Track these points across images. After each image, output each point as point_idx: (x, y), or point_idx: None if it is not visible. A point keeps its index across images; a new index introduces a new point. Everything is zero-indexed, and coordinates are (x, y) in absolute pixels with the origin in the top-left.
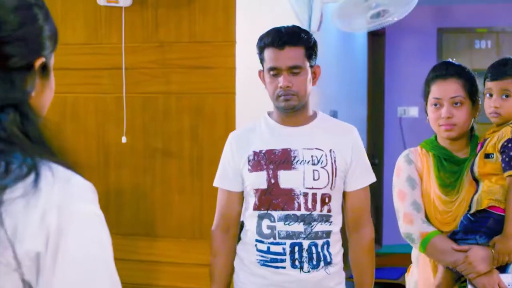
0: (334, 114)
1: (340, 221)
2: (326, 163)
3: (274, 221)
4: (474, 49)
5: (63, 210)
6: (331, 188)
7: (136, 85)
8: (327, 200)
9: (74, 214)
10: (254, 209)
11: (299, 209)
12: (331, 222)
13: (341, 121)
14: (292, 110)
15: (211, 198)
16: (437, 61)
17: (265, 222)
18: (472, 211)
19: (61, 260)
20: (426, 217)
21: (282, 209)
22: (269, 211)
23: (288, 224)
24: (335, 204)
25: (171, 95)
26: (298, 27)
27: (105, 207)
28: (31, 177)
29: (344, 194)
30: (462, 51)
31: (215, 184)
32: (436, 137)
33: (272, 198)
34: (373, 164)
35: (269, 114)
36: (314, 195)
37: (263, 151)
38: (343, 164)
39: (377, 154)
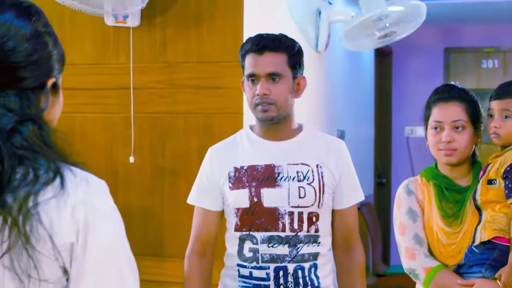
0: (342, 134)
1: (329, 241)
2: (313, 179)
3: (256, 243)
4: (481, 68)
5: (88, 205)
6: (318, 206)
7: (144, 105)
8: (314, 219)
9: (96, 208)
10: (235, 230)
11: (283, 229)
12: (319, 243)
13: (328, 135)
14: (272, 122)
15: None
16: (444, 81)
17: (247, 245)
18: (476, 242)
19: (90, 247)
20: (430, 250)
21: (265, 230)
22: (251, 232)
23: (272, 246)
24: (324, 223)
25: (179, 115)
26: (284, 35)
27: None
28: (57, 180)
29: (332, 212)
30: (469, 70)
31: (190, 201)
32: (436, 164)
33: (255, 218)
34: (380, 184)
35: (251, 127)
36: (300, 214)
37: (245, 167)
38: (331, 180)
39: (384, 174)
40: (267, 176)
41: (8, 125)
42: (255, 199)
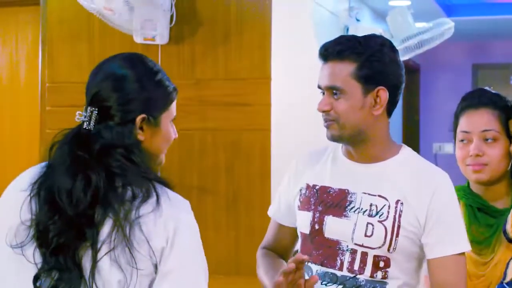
0: None
1: None
2: (387, 217)
3: None
4: (510, 85)
5: (176, 219)
6: (389, 249)
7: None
8: (382, 265)
9: (182, 221)
10: None
11: (340, 268)
12: None
13: (431, 166)
14: (338, 141)
15: (247, 234)
16: None
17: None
18: (507, 279)
19: (175, 250)
20: None
21: (322, 264)
22: (308, 263)
23: (325, 284)
24: (397, 270)
25: (207, 131)
26: (370, 36)
27: None
28: (154, 198)
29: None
30: (497, 87)
31: (268, 212)
32: (469, 183)
33: (313, 248)
34: None
35: None
36: (364, 254)
37: (317, 187)
38: (413, 222)
39: None
40: (337, 202)
41: (99, 148)
42: (317, 226)
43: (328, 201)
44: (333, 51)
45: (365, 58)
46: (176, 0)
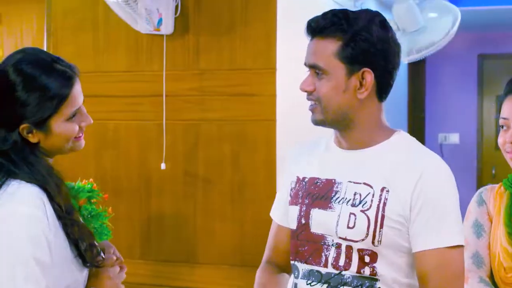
0: None
1: None
2: (370, 206)
3: (297, 277)
4: None
5: None
6: (373, 242)
7: (176, 112)
8: (368, 260)
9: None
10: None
11: (325, 265)
12: None
13: (425, 150)
14: (323, 125)
15: (252, 225)
16: (477, 88)
17: (292, 277)
18: None
19: None
20: (491, 274)
21: (306, 262)
22: (295, 262)
23: (310, 284)
24: (388, 266)
25: (212, 122)
26: (362, 11)
27: (146, 234)
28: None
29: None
30: (503, 77)
31: (270, 213)
32: None
33: (299, 245)
34: None
35: None
36: (348, 249)
37: (306, 179)
38: (398, 211)
39: None
40: (323, 193)
41: None
42: (303, 221)
43: (315, 193)
44: (317, 27)
45: (349, 36)
46: None
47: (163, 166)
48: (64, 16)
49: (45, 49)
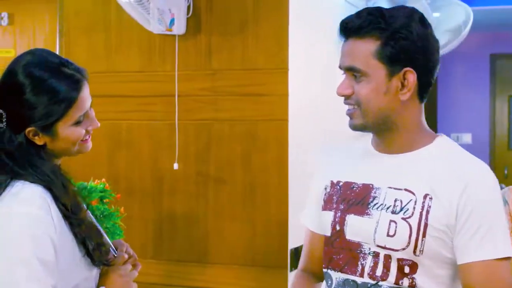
0: None
1: None
2: (412, 214)
3: (330, 286)
4: None
5: None
6: (415, 252)
7: (189, 112)
8: (407, 270)
9: (2, 210)
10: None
11: (361, 274)
12: None
13: (470, 156)
14: (362, 130)
15: (263, 226)
16: (490, 87)
17: (324, 286)
18: None
19: None
20: None
21: (341, 271)
22: (328, 270)
23: None
24: (431, 279)
25: (224, 122)
26: (399, 8)
27: (158, 234)
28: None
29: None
30: None
31: (301, 218)
32: None
33: (333, 252)
34: None
35: None
36: (387, 258)
37: (341, 183)
38: (443, 220)
39: None
40: (360, 199)
41: None
42: (338, 227)
43: (351, 198)
44: (352, 26)
45: (388, 35)
46: None
47: (175, 166)
48: (77, 17)
49: (57, 50)
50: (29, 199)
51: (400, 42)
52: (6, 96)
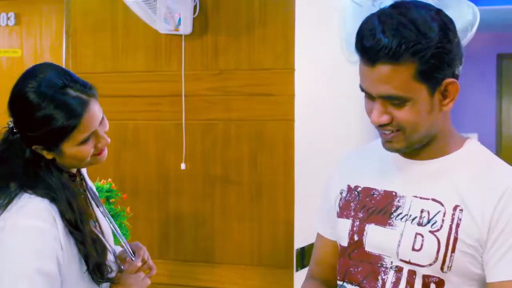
0: None
1: None
2: (441, 227)
3: None
4: None
5: (3, 220)
6: (442, 268)
7: (195, 112)
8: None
9: (8, 222)
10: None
11: None
12: None
13: (501, 162)
14: (405, 151)
15: (270, 226)
16: (497, 87)
17: None
18: None
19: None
20: None
21: (359, 285)
22: (344, 283)
23: None
24: None
25: (231, 122)
26: (418, 21)
27: (164, 234)
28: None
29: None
30: None
31: (314, 224)
32: None
33: (350, 264)
34: None
35: None
36: (411, 274)
37: (360, 188)
38: (474, 234)
39: None
40: (381, 207)
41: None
42: (356, 238)
43: (371, 206)
44: (384, 51)
45: (429, 54)
46: None
47: (183, 166)
48: (83, 17)
49: (64, 50)
50: (34, 212)
51: (442, 56)
52: (14, 113)
